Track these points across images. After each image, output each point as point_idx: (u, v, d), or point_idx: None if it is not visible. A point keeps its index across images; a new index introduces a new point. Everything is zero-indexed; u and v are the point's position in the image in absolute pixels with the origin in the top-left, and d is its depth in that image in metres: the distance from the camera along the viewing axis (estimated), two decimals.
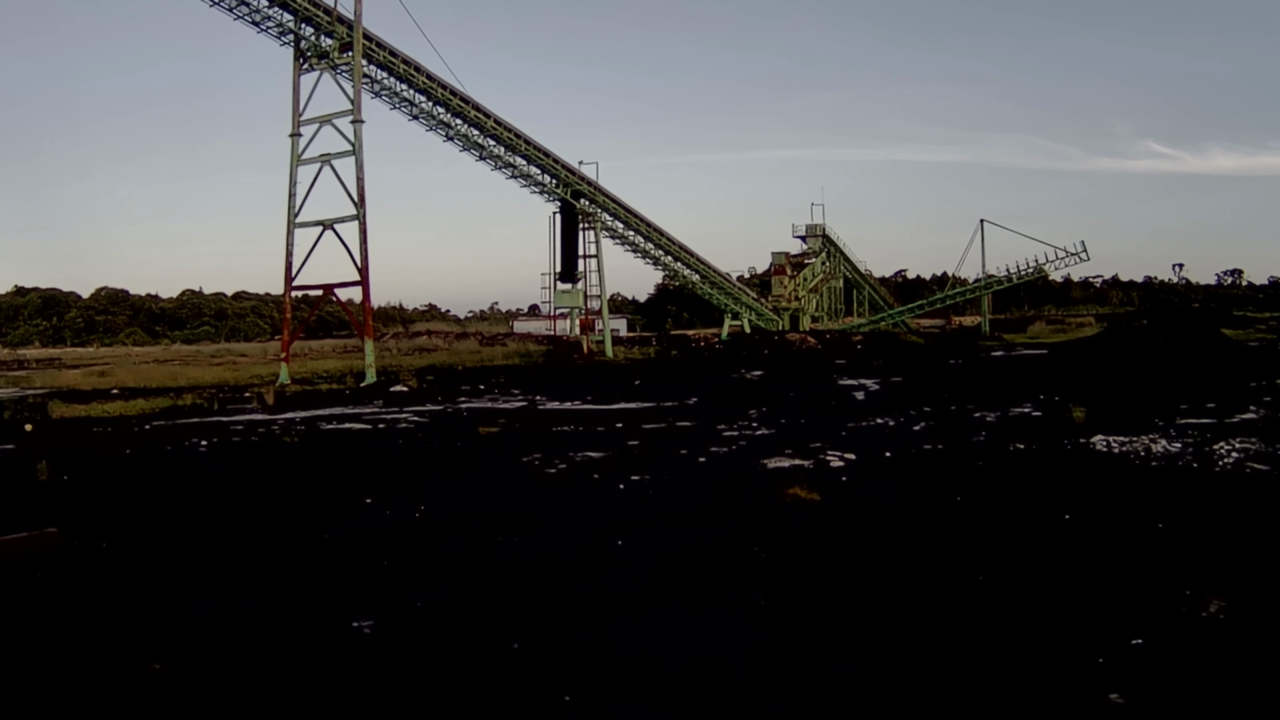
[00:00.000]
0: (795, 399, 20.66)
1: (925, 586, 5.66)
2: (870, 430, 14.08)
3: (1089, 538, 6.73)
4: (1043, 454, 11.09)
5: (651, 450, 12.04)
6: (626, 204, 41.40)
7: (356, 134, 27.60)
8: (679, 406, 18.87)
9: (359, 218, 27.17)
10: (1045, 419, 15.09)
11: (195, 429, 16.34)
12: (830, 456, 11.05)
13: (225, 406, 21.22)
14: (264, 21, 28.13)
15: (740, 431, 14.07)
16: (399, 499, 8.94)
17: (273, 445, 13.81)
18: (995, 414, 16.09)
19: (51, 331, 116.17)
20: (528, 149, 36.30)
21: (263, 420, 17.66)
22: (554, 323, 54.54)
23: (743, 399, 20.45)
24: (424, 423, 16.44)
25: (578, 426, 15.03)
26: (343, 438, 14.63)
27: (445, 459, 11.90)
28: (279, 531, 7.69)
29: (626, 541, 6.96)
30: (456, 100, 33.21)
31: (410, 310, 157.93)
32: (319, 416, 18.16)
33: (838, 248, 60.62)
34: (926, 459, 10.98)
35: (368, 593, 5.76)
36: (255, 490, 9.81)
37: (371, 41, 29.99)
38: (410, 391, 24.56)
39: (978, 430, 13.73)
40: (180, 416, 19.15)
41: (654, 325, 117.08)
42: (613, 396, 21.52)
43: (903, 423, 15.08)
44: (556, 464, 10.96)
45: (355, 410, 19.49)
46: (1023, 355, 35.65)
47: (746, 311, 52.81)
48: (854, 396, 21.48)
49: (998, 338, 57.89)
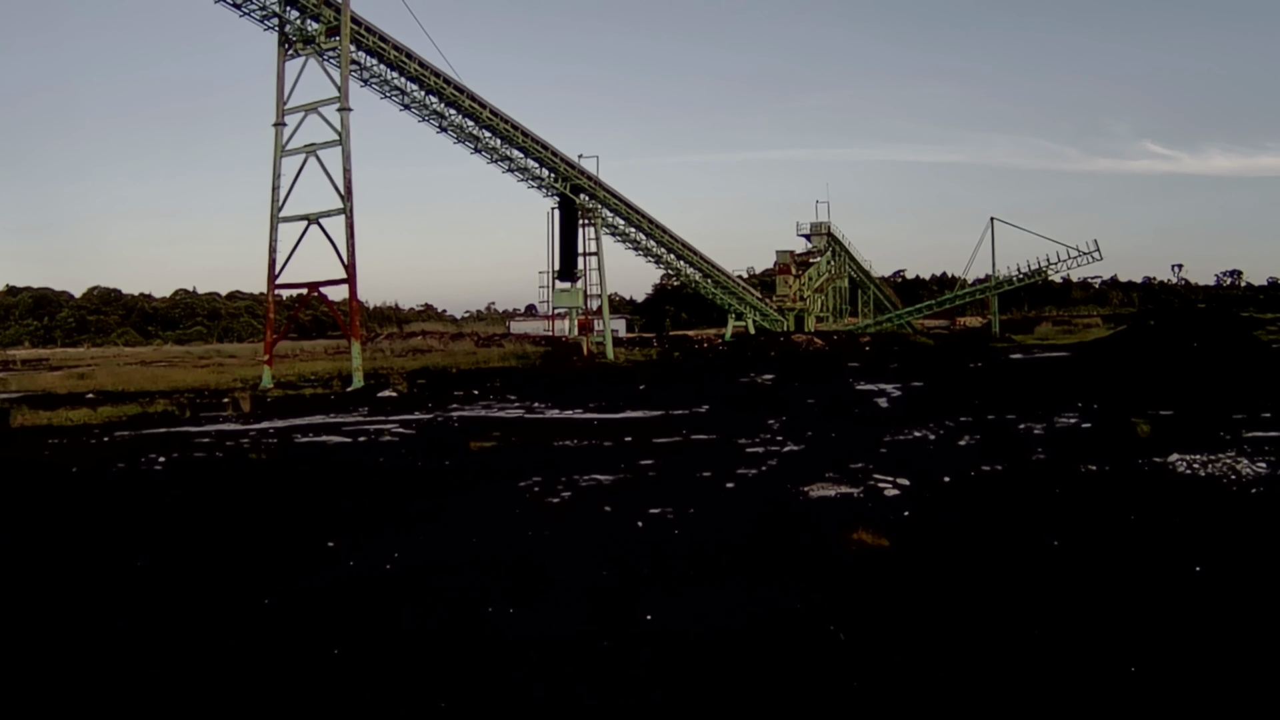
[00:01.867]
0: (815, 406, 19.10)
1: (1072, 689, 4.05)
2: (911, 446, 12.50)
3: (1244, 601, 5.13)
4: (1121, 478, 9.54)
5: (669, 472, 10.44)
6: (628, 199, 39.78)
7: (344, 122, 25.94)
8: (690, 415, 17.29)
9: (345, 211, 25.50)
10: (1102, 432, 13.56)
11: (159, 441, 14.75)
12: (880, 481, 9.46)
13: (198, 414, 19.59)
14: (246, 4, 26.43)
15: (766, 447, 12.47)
16: (369, 540, 7.33)
17: (236, 463, 12.20)
18: (1042, 426, 14.57)
19: (42, 331, 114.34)
20: (525, 141, 34.59)
21: (234, 431, 16.04)
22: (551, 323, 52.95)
23: (758, 406, 18.88)
24: (410, 435, 14.83)
25: (581, 440, 13.42)
26: (317, 454, 13.01)
27: (430, 482, 10.29)
28: (206, 590, 6.07)
29: (657, 613, 5.35)
30: (450, 89, 31.51)
31: (406, 310, 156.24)
32: (295, 427, 16.53)
33: (843, 246, 59.03)
34: (991, 484, 9.40)
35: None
36: (197, 526, 8.19)
37: (360, 26, 28.28)
38: (399, 397, 22.95)
39: (1032, 446, 12.16)
40: (147, 426, 17.53)
41: (653, 325, 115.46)
42: (617, 403, 19.95)
43: (944, 436, 13.50)
44: (559, 490, 9.36)
45: (336, 419, 17.87)
46: (1043, 359, 34.12)
47: (751, 312, 51.17)
48: (877, 404, 19.93)
49: (1007, 339, 56.41)
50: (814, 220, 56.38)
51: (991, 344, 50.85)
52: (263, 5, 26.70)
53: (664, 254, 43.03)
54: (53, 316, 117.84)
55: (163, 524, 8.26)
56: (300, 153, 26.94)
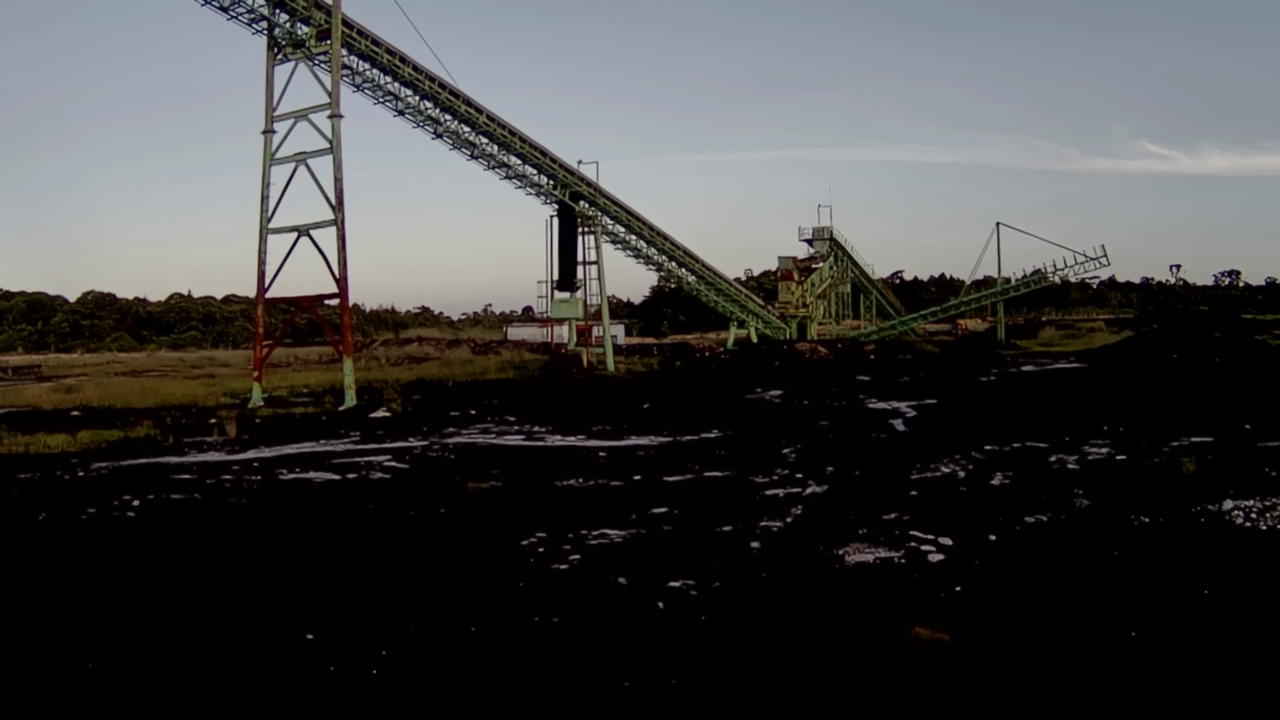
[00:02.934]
0: (829, 430, 18.25)
1: None
2: (942, 486, 11.66)
3: None
4: (1179, 535, 8.70)
5: (686, 526, 9.57)
6: (629, 206, 38.84)
7: (335, 130, 25.00)
8: (700, 443, 16.45)
9: (337, 223, 24.52)
10: (1142, 468, 12.73)
11: (136, 476, 13.84)
12: (920, 541, 8.59)
13: (181, 440, 18.65)
14: (234, 6, 25.45)
15: (786, 488, 11.61)
16: (352, 628, 6.45)
17: (215, 506, 11.31)
18: (1074, 458, 13.79)
19: (36, 336, 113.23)
20: (523, 147, 33.63)
21: (217, 464, 15.14)
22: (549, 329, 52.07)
23: (770, 430, 18.01)
24: (403, 469, 13.94)
25: (586, 479, 12.52)
26: (302, 493, 12.12)
27: (424, 538, 9.40)
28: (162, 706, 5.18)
29: None
30: (445, 94, 30.58)
31: (402, 313, 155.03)
32: (282, 458, 15.62)
33: (845, 251, 58.13)
34: (1040, 543, 8.55)
35: None
36: (163, 598, 7.28)
37: (352, 29, 27.37)
38: (393, 417, 22.05)
39: (1071, 487, 11.33)
40: (127, 454, 16.59)
41: (651, 329, 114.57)
42: (621, 426, 19.07)
43: (974, 472, 12.66)
44: (567, 553, 8.48)
45: (326, 446, 16.97)
46: (1056, 370, 33.27)
47: (753, 320, 50.24)
48: (893, 426, 19.09)
49: (1013, 345, 55.64)
50: (816, 225, 55.50)
51: (998, 351, 50.05)
52: (250, 8, 25.72)
53: (665, 261, 42.13)
54: (46, 321, 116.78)
55: (118, 596, 7.36)
56: (290, 161, 26.00)
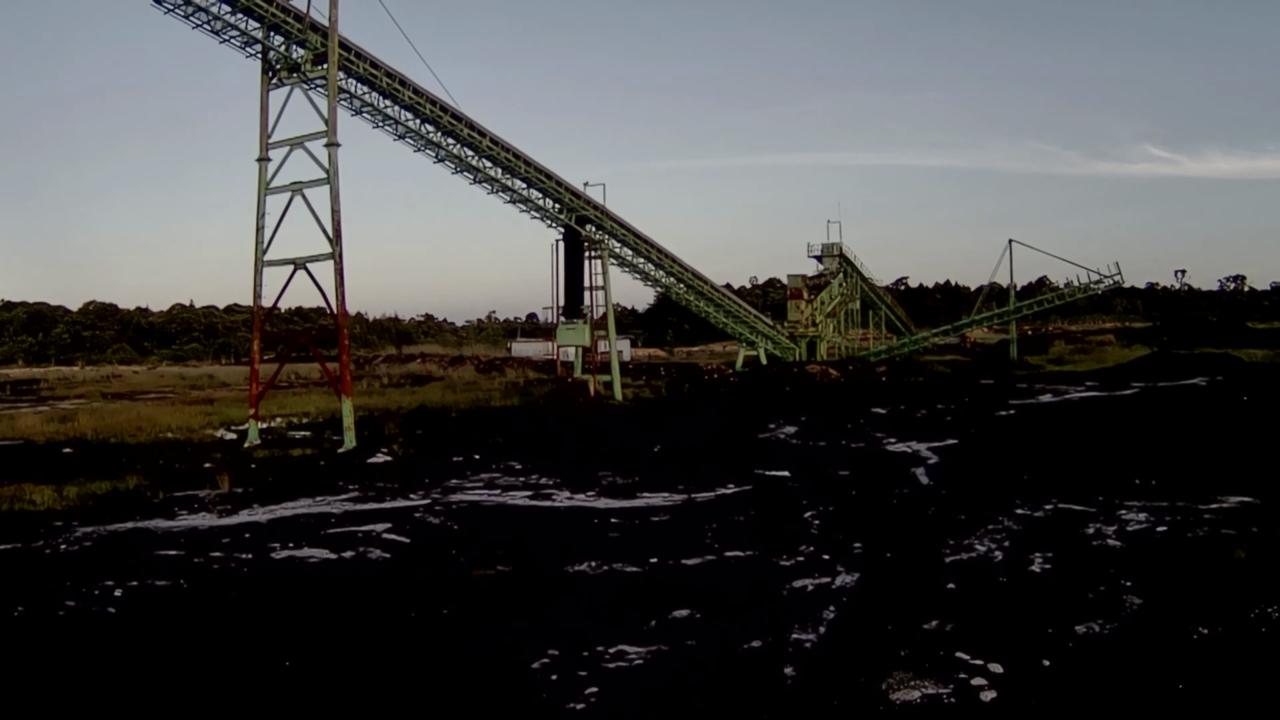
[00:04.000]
0: (850, 482, 17.37)
1: None
2: (979, 572, 10.90)
3: None
4: (1245, 653, 7.87)
5: (710, 637, 8.70)
6: (636, 229, 37.97)
7: (331, 159, 24.01)
8: (716, 503, 15.68)
9: (334, 256, 23.59)
10: (1185, 542, 11.97)
11: (123, 545, 13.17)
12: (968, 670, 7.70)
13: (172, 494, 17.77)
14: (226, 30, 24.57)
15: (813, 577, 10.81)
16: None
17: (200, 599, 10.50)
18: (1112, 529, 12.99)
19: (36, 348, 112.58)
20: (528, 171, 32.75)
21: (207, 531, 14.30)
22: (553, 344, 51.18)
23: (790, 488, 17.11)
24: (404, 543, 13.04)
25: (600, 564, 11.63)
26: (295, 581, 11.30)
27: (424, 653, 8.52)
28: None
29: None
30: (447, 118, 29.72)
31: (406, 321, 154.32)
32: (276, 522, 14.78)
33: (855, 267, 57.21)
34: (1097, 665, 7.74)
35: None
36: None
37: (350, 51, 26.48)
38: (394, 461, 21.21)
39: (1115, 574, 10.52)
40: (114, 515, 15.73)
41: (656, 338, 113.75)
42: (632, 477, 18.21)
43: (1010, 550, 11.84)
44: (582, 681, 7.62)
45: (323, 506, 16.11)
46: (1075, 401, 32.34)
47: (763, 341, 49.31)
48: (915, 476, 18.24)
49: (1024, 362, 54.81)
50: (825, 241, 54.62)
51: (1012, 372, 49.21)
52: (244, 31, 24.82)
53: (674, 285, 41.29)
54: (47, 333, 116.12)
55: None
56: (285, 191, 25.03)
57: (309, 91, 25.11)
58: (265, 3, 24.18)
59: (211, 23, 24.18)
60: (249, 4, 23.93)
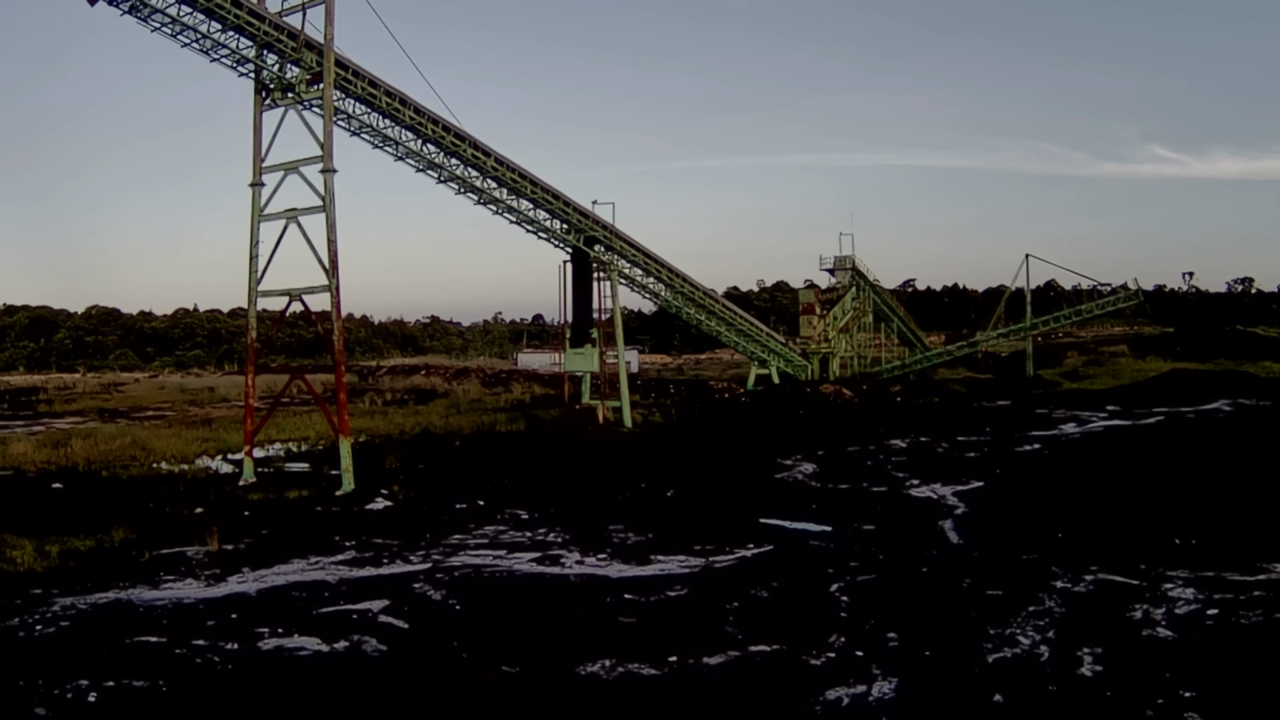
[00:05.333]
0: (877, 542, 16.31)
1: None
2: (1024, 674, 9.89)
3: None
4: None
5: None
6: (647, 249, 36.84)
7: (327, 186, 22.68)
8: (737, 570, 14.68)
9: (331, 289, 22.47)
10: (1239, 630, 11.07)
11: (102, 625, 12.24)
12: None
13: (160, 549, 16.79)
14: (216, 49, 23.37)
15: (848, 686, 9.80)
16: None
17: (179, 705, 9.57)
18: (1160, 611, 12.17)
19: (38, 354, 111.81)
20: (535, 192, 31.61)
21: (192, 606, 13.33)
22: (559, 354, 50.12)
23: (814, 549, 16.05)
24: (401, 629, 12.02)
25: (614, 664, 10.56)
26: (283, 681, 10.31)
27: None
28: None
29: None
30: (450, 138, 28.58)
31: (411, 324, 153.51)
32: (266, 595, 13.80)
33: (867, 280, 56.08)
34: None
35: None
36: None
37: (347, 70, 25.20)
38: (394, 506, 20.24)
39: (1171, 679, 9.59)
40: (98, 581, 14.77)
41: (663, 343, 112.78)
42: (645, 533, 17.17)
43: (1055, 644, 10.86)
44: None
45: (316, 571, 15.14)
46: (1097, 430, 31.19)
47: (775, 359, 48.19)
48: (945, 533, 17.21)
49: (1039, 378, 53.76)
50: (837, 253, 53.50)
51: (1030, 389, 48.22)
52: (234, 50, 23.60)
53: (684, 305, 40.16)
54: (49, 338, 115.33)
55: None
56: (280, 218, 23.74)
57: (304, 113, 23.97)
58: (257, 20, 22.96)
59: (200, 41, 22.88)
60: (239, 22, 22.66)
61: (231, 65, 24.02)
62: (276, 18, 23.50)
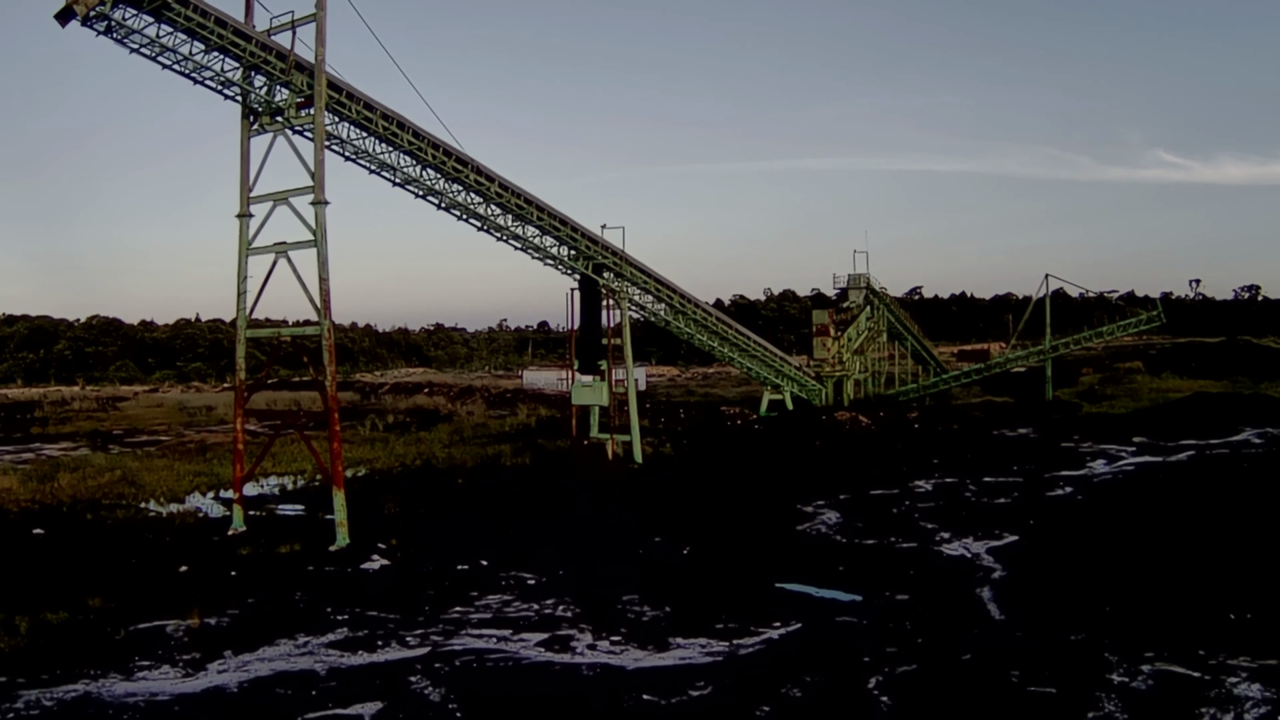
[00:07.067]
0: (913, 617, 14.95)
1: None
2: None
3: None
4: None
5: None
6: (659, 275, 35.34)
7: (319, 219, 21.16)
8: (767, 655, 13.40)
9: (323, 331, 20.91)
10: None
11: None
12: None
13: (137, 624, 15.47)
14: (200, 71, 21.83)
15: None
16: None
17: None
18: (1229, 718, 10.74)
19: (38, 365, 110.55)
20: (541, 217, 30.14)
21: (167, 700, 12.15)
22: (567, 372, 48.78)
23: (846, 628, 14.68)
24: None
25: None
26: None
27: None
28: None
29: None
30: (451, 162, 27.14)
31: (416, 332, 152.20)
32: (248, 688, 12.51)
33: (881, 299, 54.66)
34: None
35: None
36: None
37: (340, 92, 23.56)
38: (391, 566, 18.91)
39: None
40: (66, 669, 13.52)
41: (669, 355, 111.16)
42: (662, 609, 15.80)
43: None
44: None
45: (304, 659, 13.86)
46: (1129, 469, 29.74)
47: (788, 384, 46.73)
48: (984, 604, 15.88)
49: (1057, 401, 52.39)
50: (851, 272, 52.05)
51: (1050, 414, 46.94)
52: (219, 72, 21.99)
53: (695, 332, 38.72)
54: (49, 349, 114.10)
55: None
56: (269, 251, 22.35)
57: (294, 139, 22.49)
58: (243, 40, 21.40)
59: (182, 63, 21.21)
60: (224, 43, 21.11)
61: (217, 88, 22.55)
62: (264, 37, 21.92)
